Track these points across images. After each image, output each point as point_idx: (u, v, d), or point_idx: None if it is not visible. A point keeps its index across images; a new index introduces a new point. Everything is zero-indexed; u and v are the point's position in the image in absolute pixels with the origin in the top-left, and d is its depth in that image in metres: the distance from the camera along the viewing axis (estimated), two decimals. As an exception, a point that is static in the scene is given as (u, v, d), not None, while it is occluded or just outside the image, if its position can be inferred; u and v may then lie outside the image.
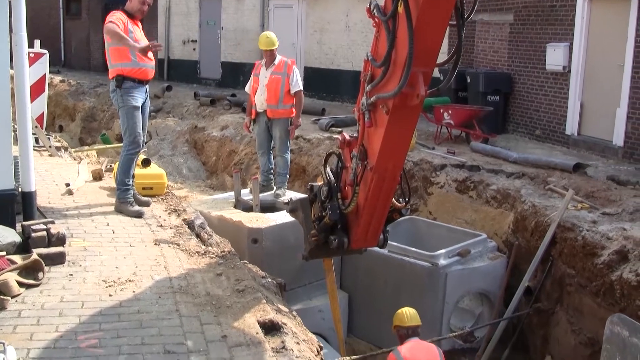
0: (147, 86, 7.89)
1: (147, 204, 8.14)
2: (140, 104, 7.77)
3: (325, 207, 5.92)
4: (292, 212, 7.00)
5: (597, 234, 8.42)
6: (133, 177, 7.95)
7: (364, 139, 5.41)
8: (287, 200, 7.43)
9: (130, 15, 7.64)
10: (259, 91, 9.86)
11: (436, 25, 4.73)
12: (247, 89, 10.30)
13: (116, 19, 7.42)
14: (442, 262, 8.99)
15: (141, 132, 7.82)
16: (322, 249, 6.25)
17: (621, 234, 8.11)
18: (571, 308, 8.66)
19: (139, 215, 7.70)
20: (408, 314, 6.60)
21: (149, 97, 8.04)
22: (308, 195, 6.56)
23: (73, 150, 12.35)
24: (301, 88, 9.94)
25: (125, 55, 7.53)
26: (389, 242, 6.55)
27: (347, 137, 5.90)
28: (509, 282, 9.68)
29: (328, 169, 6.22)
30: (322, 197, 6.05)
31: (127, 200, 7.79)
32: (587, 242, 8.44)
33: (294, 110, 9.92)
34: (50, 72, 13.45)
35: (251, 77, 10.18)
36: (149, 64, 7.75)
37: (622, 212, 9.03)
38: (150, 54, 7.60)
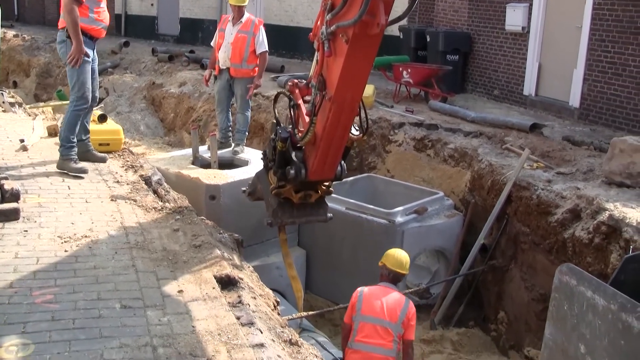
0: (96, 45, 7.66)
1: (103, 160, 8.02)
2: (90, 59, 7.49)
3: (276, 138, 5.88)
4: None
5: (552, 193, 8.55)
6: (88, 133, 7.84)
7: (322, 69, 5.35)
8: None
9: None
10: (223, 48, 9.72)
11: None
12: (212, 43, 10.15)
13: None
14: (399, 219, 9.07)
15: (90, 87, 7.55)
16: (286, 209, 6.16)
17: (575, 193, 8.25)
18: (525, 265, 8.83)
19: (82, 172, 7.47)
20: (395, 257, 6.49)
21: (97, 56, 7.81)
22: (263, 162, 6.51)
23: (28, 106, 12.11)
24: (266, 49, 9.81)
25: (83, 11, 7.26)
26: (347, 199, 6.56)
27: (298, 82, 5.92)
28: (465, 240, 9.81)
29: (277, 111, 6.44)
30: (273, 135, 6.00)
31: (71, 157, 7.50)
32: (541, 201, 8.57)
33: (257, 69, 9.82)
34: (3, 27, 13.14)
35: (217, 32, 10.01)
36: (104, 25, 7.57)
37: (576, 172, 9.18)
38: (106, 15, 7.50)
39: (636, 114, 11.18)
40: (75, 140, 7.52)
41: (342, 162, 5.84)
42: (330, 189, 6.16)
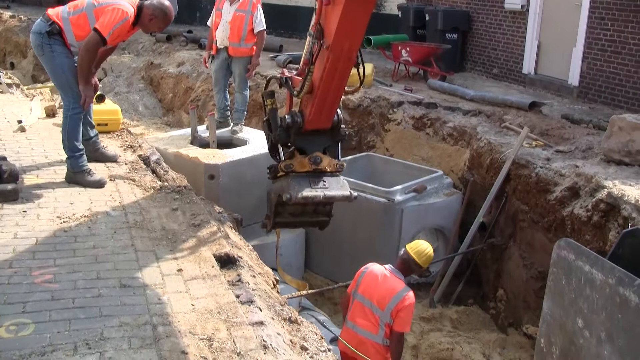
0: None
1: (114, 159, 7.44)
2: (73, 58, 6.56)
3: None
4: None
5: (550, 171, 8.56)
6: (94, 127, 7.26)
7: (320, 18, 5.32)
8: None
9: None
10: (221, 27, 9.68)
11: None
12: (209, 22, 10.10)
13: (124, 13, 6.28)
14: (398, 198, 9.07)
15: None
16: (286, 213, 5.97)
17: (573, 171, 8.25)
18: (523, 243, 8.85)
19: (100, 185, 6.60)
20: (418, 243, 6.28)
21: None
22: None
23: (25, 87, 12.08)
24: (264, 28, 9.77)
25: (80, 33, 6.37)
26: (346, 178, 6.34)
27: (287, 73, 5.88)
28: (463, 218, 9.83)
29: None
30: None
31: (83, 169, 6.65)
32: (540, 179, 8.58)
33: (254, 48, 9.78)
34: (-1, 7, 13.04)
35: (213, 11, 9.96)
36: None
37: (575, 150, 9.18)
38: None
39: (635, 92, 11.16)
40: (82, 147, 6.68)
41: (339, 111, 5.78)
42: (341, 165, 5.89)
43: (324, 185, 5.51)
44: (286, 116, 5.62)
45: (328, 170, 5.53)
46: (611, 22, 11.48)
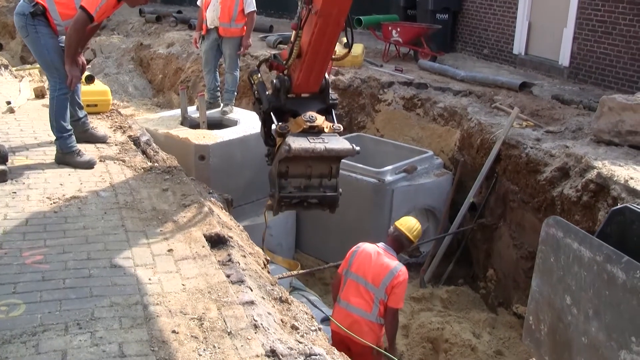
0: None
1: (104, 140, 7.35)
2: (59, 39, 6.45)
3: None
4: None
5: (541, 151, 8.58)
6: (82, 108, 7.15)
7: None
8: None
9: None
10: (211, 7, 9.64)
11: None
12: (199, 2, 10.05)
13: None
14: (389, 178, 9.09)
15: None
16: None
17: (563, 152, 8.28)
18: (513, 223, 8.89)
19: (89, 166, 6.51)
20: (407, 219, 6.55)
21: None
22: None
23: (14, 68, 11.99)
24: (255, 9, 9.75)
25: (66, 12, 6.27)
26: None
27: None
28: (454, 198, 9.86)
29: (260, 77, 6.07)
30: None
31: (72, 149, 6.56)
32: (530, 160, 8.60)
33: (245, 29, 9.75)
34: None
35: None
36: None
37: (565, 130, 9.21)
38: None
39: (625, 72, 11.18)
40: (70, 128, 6.59)
41: (327, 76, 5.76)
42: (338, 127, 5.76)
43: (324, 140, 5.38)
44: (274, 79, 5.59)
45: (325, 129, 5.42)
46: (602, 3, 11.47)
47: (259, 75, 5.80)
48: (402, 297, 6.16)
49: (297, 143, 5.13)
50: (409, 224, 6.45)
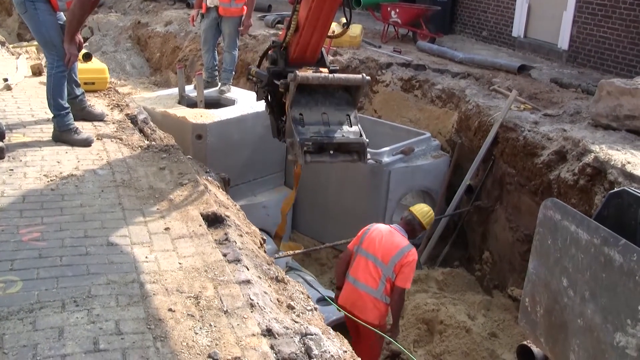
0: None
1: (101, 118, 7.28)
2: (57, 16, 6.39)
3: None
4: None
5: (538, 134, 8.58)
6: (80, 85, 7.09)
7: None
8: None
9: None
10: None
11: None
12: None
13: None
14: (386, 159, 9.08)
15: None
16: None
17: (561, 135, 8.27)
18: (510, 206, 8.90)
19: (87, 144, 6.46)
20: (421, 205, 6.83)
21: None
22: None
23: (11, 45, 11.93)
24: None
25: None
26: None
27: None
28: (451, 181, 9.87)
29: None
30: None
31: (69, 127, 6.51)
32: (528, 142, 8.61)
33: (245, 8, 9.69)
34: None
35: None
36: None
37: (563, 114, 9.20)
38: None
39: (624, 56, 11.16)
40: (67, 106, 6.54)
41: (323, 49, 5.75)
42: (334, 67, 5.67)
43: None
44: (270, 52, 5.62)
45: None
46: (602, -14, 11.45)
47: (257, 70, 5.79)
48: (409, 278, 6.26)
49: (303, 72, 5.15)
50: (423, 210, 6.71)
